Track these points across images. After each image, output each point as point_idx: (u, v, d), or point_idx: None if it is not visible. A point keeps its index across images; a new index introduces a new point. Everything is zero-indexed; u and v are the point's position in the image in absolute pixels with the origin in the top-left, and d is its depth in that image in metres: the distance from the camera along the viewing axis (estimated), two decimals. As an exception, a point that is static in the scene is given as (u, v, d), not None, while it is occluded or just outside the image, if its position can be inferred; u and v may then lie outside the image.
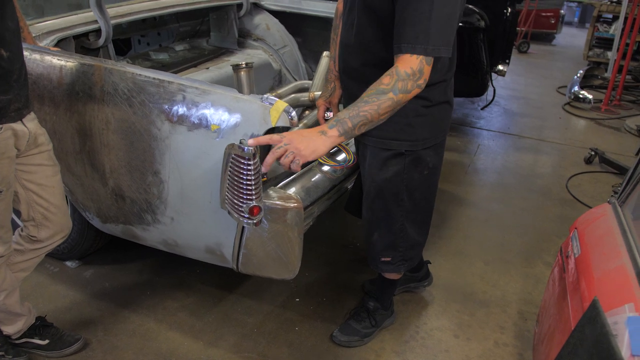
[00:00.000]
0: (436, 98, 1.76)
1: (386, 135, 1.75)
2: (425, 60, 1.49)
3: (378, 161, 1.82)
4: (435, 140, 1.84)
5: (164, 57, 3.14)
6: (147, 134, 1.78)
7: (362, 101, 1.50)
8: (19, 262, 1.92)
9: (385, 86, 1.48)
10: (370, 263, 2.05)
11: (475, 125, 4.80)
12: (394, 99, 1.48)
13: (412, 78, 1.48)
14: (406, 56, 1.48)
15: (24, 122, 1.70)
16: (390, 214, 1.89)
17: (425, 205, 1.98)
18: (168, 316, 2.28)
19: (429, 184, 1.92)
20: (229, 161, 1.47)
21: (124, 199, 1.96)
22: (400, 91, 1.48)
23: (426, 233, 2.08)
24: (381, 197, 1.87)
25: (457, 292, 2.54)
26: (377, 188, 1.86)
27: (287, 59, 3.50)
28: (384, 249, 1.97)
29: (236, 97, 1.63)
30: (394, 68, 1.49)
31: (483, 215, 3.26)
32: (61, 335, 2.06)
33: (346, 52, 1.80)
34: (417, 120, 1.74)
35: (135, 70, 1.78)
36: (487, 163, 4.05)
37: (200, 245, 1.92)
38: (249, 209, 1.48)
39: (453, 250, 2.87)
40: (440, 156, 1.92)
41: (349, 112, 1.49)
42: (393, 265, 2.01)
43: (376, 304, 2.23)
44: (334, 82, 2.04)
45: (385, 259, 1.99)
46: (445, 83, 1.79)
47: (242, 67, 2.26)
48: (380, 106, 1.48)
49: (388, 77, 1.48)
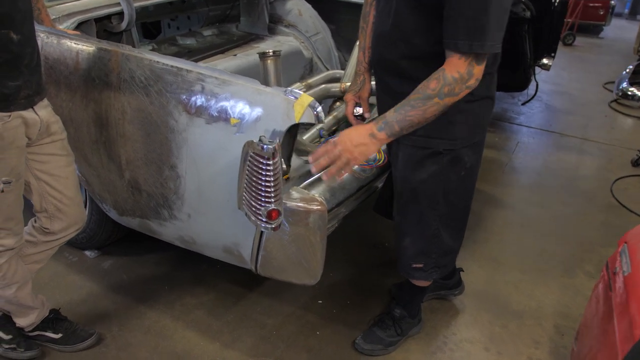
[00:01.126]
0: (479, 92, 1.60)
1: (423, 132, 1.61)
2: (476, 61, 1.40)
3: (413, 161, 1.69)
4: (474, 139, 1.70)
5: (191, 42, 3.04)
6: (164, 125, 1.68)
7: (409, 105, 1.45)
8: (32, 254, 1.86)
9: (431, 91, 1.42)
10: (400, 269, 1.92)
11: (514, 121, 4.57)
12: (440, 104, 1.43)
13: (460, 82, 1.41)
14: (454, 58, 1.40)
15: (35, 109, 1.62)
16: (424, 218, 1.76)
17: (461, 209, 1.84)
18: (185, 314, 2.19)
19: (465, 185, 1.78)
20: (247, 160, 1.35)
21: (140, 192, 1.87)
22: (447, 95, 1.42)
23: (461, 238, 1.94)
24: (415, 200, 1.74)
25: (489, 301, 2.38)
26: (410, 190, 1.73)
27: (319, 47, 3.35)
28: (416, 255, 1.84)
29: (258, 89, 1.51)
30: (441, 71, 1.42)
31: (520, 219, 3.07)
32: (75, 329, 1.99)
33: (381, 43, 1.65)
34: (457, 117, 1.61)
35: (153, 57, 1.67)
36: (526, 162, 3.83)
37: (218, 244, 1.82)
38: (267, 213, 1.36)
39: (487, 256, 2.70)
40: (478, 155, 1.78)
41: (396, 116, 1.46)
42: (425, 273, 1.88)
43: (403, 311, 2.10)
44: (363, 75, 1.90)
45: (416, 266, 1.86)
46: (490, 76, 1.64)
47: (269, 55, 2.14)
48: (427, 111, 1.44)
49: (435, 82, 1.42)
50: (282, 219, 1.41)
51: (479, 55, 1.39)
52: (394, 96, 1.65)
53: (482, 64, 1.42)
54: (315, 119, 1.44)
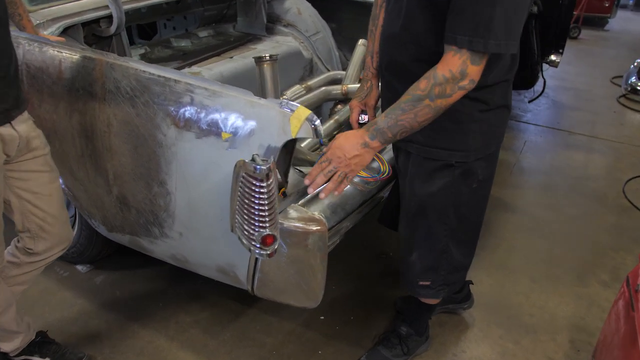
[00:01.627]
0: (495, 101, 1.49)
1: (434, 143, 1.51)
2: (472, 59, 1.27)
3: (422, 173, 1.57)
4: (488, 150, 1.58)
5: (186, 44, 2.92)
6: (152, 139, 1.56)
7: (399, 108, 1.35)
8: (16, 276, 1.75)
9: (421, 92, 1.31)
10: (405, 286, 1.81)
11: (521, 119, 4.44)
12: (431, 106, 1.32)
13: (452, 81, 1.28)
14: (448, 55, 1.28)
15: (13, 124, 1.50)
16: (433, 233, 1.65)
17: (473, 223, 1.73)
18: (180, 333, 2.09)
19: (478, 198, 1.67)
20: (239, 181, 1.24)
21: (129, 208, 1.76)
22: (437, 96, 1.30)
23: (472, 254, 1.83)
24: (423, 213, 1.63)
25: (500, 314, 2.27)
26: (419, 203, 1.62)
27: (319, 47, 3.23)
28: (424, 272, 1.73)
29: (251, 101, 1.39)
30: (432, 70, 1.31)
31: (529, 223, 2.95)
32: (63, 352, 1.89)
33: (391, 45, 1.52)
34: (471, 126, 1.49)
35: (139, 67, 1.56)
36: (534, 162, 3.71)
37: (212, 264, 1.71)
38: (262, 238, 1.25)
39: (496, 264, 2.59)
40: (492, 167, 1.66)
41: (387, 121, 1.37)
42: (433, 290, 1.77)
43: (409, 329, 1.99)
44: (370, 80, 1.77)
45: (424, 283, 1.75)
46: (507, 84, 1.53)
47: (265, 59, 2.01)
48: (418, 114, 1.34)
49: (425, 81, 1.31)
50: (277, 244, 1.29)
51: (477, 54, 1.26)
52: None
53: (480, 65, 1.28)
54: (314, 134, 1.33)
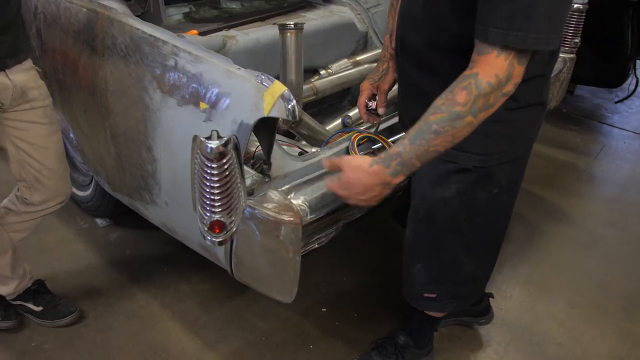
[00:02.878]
0: (527, 98, 1.25)
1: None
2: (517, 60, 1.02)
3: (434, 175, 1.36)
4: (515, 153, 1.35)
5: (235, 6, 2.82)
6: (141, 101, 1.48)
7: (430, 131, 1.07)
8: (14, 223, 1.77)
9: (461, 107, 1.04)
10: (407, 296, 1.63)
11: (605, 120, 3.97)
12: (474, 123, 1.06)
13: (498, 88, 1.03)
14: (490, 57, 1.02)
15: (7, 73, 1.48)
16: (441, 242, 1.46)
17: (491, 233, 1.51)
18: (176, 302, 2.05)
19: (499, 206, 1.44)
20: (193, 157, 1.12)
21: (124, 170, 1.71)
22: (481, 110, 1.05)
23: (491, 265, 1.63)
24: (431, 220, 1.43)
25: (523, 337, 2.02)
26: (427, 208, 1.42)
27: (377, 20, 3.01)
28: (429, 283, 1.55)
29: (229, 70, 1.26)
30: (472, 76, 1.03)
31: (586, 239, 2.62)
32: (56, 304, 1.91)
33: (407, 26, 1.31)
34: (495, 127, 1.23)
35: (134, 23, 1.47)
36: (609, 171, 3.29)
37: (195, 239, 1.63)
38: (209, 224, 1.13)
39: (534, 279, 2.32)
40: (520, 171, 1.43)
41: (414, 150, 1.09)
42: (439, 303, 1.59)
43: (408, 339, 1.81)
44: (387, 62, 1.56)
45: (429, 295, 1.57)
46: (543, 78, 1.29)
47: (289, 27, 1.86)
48: (456, 135, 1.07)
49: (464, 94, 1.03)
50: (230, 234, 1.17)
51: (521, 52, 1.02)
52: (414, 91, 1.35)
53: (525, 65, 1.04)
54: (288, 114, 1.17)
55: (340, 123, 2.10)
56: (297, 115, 1.18)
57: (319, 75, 2.56)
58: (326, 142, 1.72)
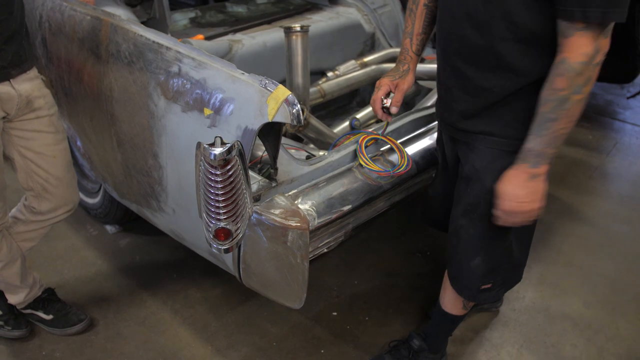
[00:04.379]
0: None
1: (516, 134, 1.30)
2: (601, 33, 1.11)
3: (498, 168, 1.36)
4: None
5: (241, 9, 2.81)
6: (145, 108, 1.47)
7: (548, 120, 1.19)
8: (22, 232, 1.77)
9: (564, 92, 1.15)
10: (462, 292, 1.59)
11: (617, 116, 3.91)
12: (583, 97, 1.17)
13: (590, 63, 1.12)
14: (575, 37, 1.11)
15: (12, 83, 1.48)
16: (502, 233, 1.47)
17: None
18: (186, 307, 2.04)
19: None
20: (198, 164, 1.11)
21: (131, 177, 1.70)
22: (584, 85, 1.15)
23: (529, 249, 1.65)
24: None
25: (536, 339, 1.99)
26: (490, 201, 1.40)
27: (384, 21, 2.99)
28: (486, 275, 1.53)
29: (233, 75, 1.25)
30: (563, 62, 1.14)
31: (599, 238, 2.57)
32: (67, 312, 1.91)
33: (464, 25, 1.28)
34: None
35: (137, 30, 1.46)
36: (621, 168, 3.24)
37: (203, 246, 1.62)
38: (215, 231, 1.12)
39: (547, 279, 2.28)
40: None
41: (542, 141, 1.21)
42: (493, 292, 1.59)
43: (423, 343, 1.78)
44: (408, 64, 1.56)
45: (486, 287, 1.56)
46: None
47: (294, 30, 1.85)
48: (573, 114, 1.18)
49: (562, 80, 1.14)
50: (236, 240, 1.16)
51: (602, 25, 1.10)
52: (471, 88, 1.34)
53: (608, 36, 1.13)
54: (292, 118, 1.16)
55: (348, 125, 2.08)
56: (302, 120, 1.16)
57: (327, 78, 2.55)
58: (333, 145, 1.71)
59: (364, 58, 2.77)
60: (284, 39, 1.91)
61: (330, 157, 1.58)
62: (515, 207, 1.28)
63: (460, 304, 1.66)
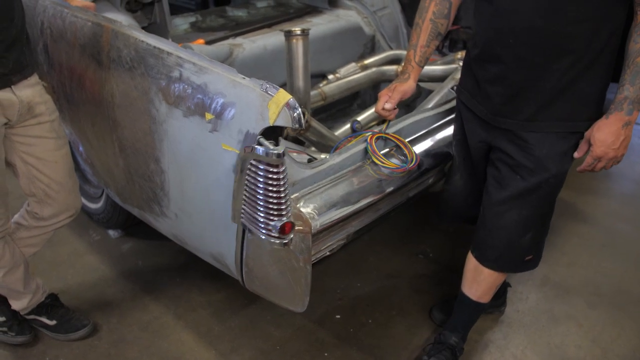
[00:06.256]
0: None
1: (580, 116, 1.43)
2: None
3: (560, 150, 1.48)
4: None
5: (242, 13, 2.82)
6: (147, 113, 1.48)
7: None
8: (25, 238, 1.77)
9: None
10: (505, 267, 1.70)
11: (620, 115, 3.90)
12: None
13: None
14: None
15: (13, 89, 1.48)
16: (552, 209, 1.63)
17: None
18: (189, 312, 2.04)
19: None
20: (245, 168, 1.13)
21: (133, 182, 1.70)
22: None
23: None
24: (554, 193, 1.57)
25: (540, 340, 1.99)
26: (554, 184, 1.53)
27: (384, 23, 2.99)
28: (531, 247, 1.67)
29: (234, 80, 1.25)
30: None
31: (603, 238, 2.57)
32: (70, 317, 1.91)
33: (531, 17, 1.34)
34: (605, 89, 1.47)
35: (138, 36, 1.47)
36: (626, 167, 3.23)
37: (206, 250, 1.62)
38: (280, 227, 1.15)
39: (550, 280, 2.28)
40: None
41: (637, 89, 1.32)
42: (535, 261, 1.73)
43: (460, 341, 1.83)
44: (409, 74, 1.64)
45: (528, 257, 1.70)
46: None
47: (295, 34, 1.86)
48: None
49: None
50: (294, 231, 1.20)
51: None
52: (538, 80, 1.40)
53: None
54: (293, 122, 1.16)
55: (349, 128, 2.09)
56: (303, 123, 1.17)
57: (327, 80, 2.55)
58: (335, 148, 1.71)
59: (365, 60, 2.78)
60: (285, 43, 1.91)
61: (332, 159, 1.58)
62: (606, 153, 1.38)
63: (493, 291, 1.76)
